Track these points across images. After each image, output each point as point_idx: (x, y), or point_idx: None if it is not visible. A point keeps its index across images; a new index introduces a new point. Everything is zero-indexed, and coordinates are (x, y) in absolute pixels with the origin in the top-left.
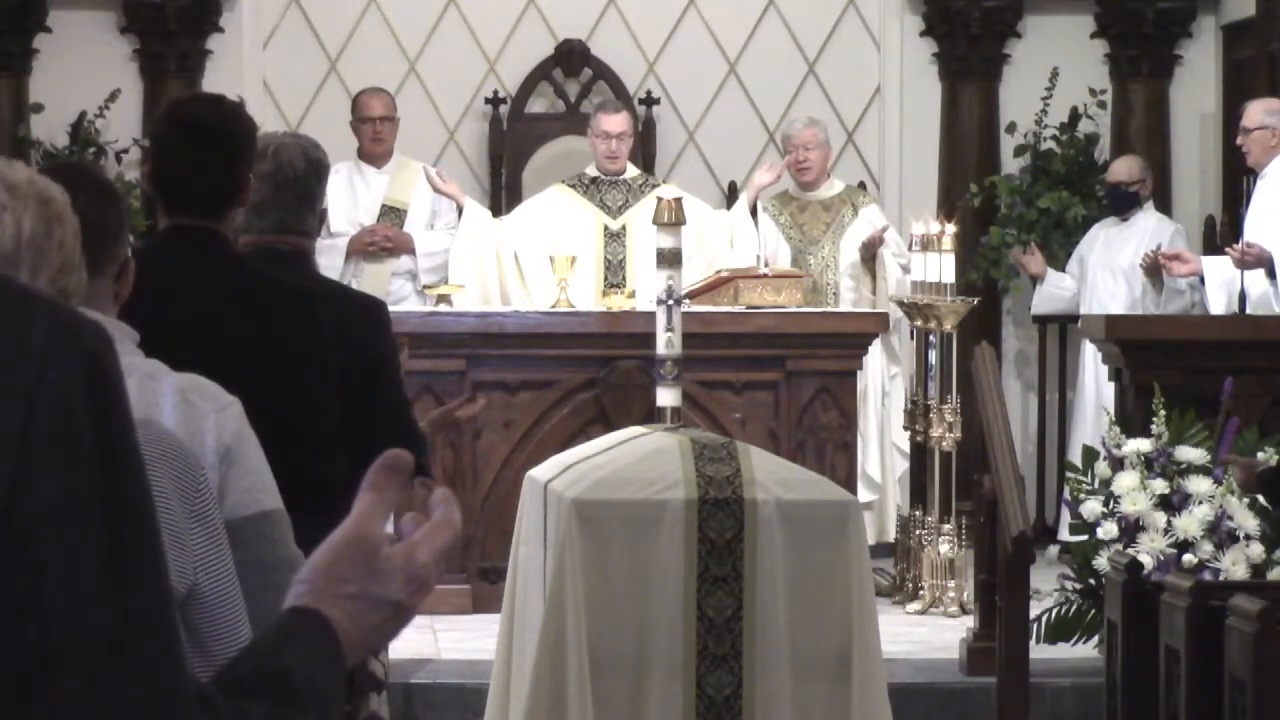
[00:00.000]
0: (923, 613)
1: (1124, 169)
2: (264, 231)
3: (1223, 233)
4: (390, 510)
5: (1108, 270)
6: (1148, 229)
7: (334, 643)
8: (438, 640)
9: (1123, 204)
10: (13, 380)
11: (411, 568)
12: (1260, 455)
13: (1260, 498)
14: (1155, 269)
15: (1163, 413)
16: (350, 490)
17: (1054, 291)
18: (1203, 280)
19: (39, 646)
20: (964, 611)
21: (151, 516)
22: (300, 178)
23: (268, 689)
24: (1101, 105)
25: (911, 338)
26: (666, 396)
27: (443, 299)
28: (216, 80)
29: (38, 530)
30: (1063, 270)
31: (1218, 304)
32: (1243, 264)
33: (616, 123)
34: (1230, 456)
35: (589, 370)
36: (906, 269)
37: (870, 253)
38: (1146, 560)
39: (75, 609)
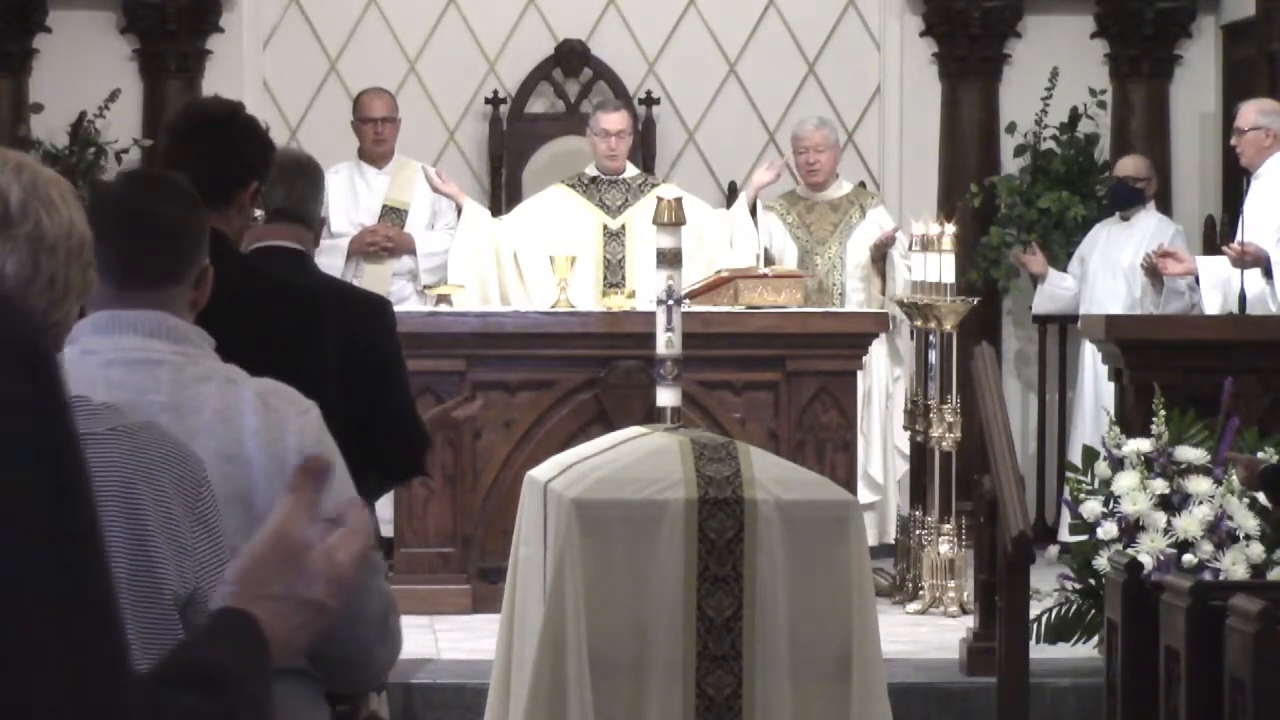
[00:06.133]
0: (923, 613)
1: (1132, 165)
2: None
3: (1222, 231)
4: (311, 512)
5: (1108, 270)
6: (1148, 229)
7: (262, 641)
8: (438, 640)
9: (1127, 200)
10: None
11: (332, 570)
12: (1260, 455)
13: (1261, 496)
14: (1156, 269)
15: (1163, 413)
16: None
17: (1055, 291)
18: (1197, 280)
19: None
20: (964, 611)
21: (91, 503)
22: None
23: (201, 683)
24: (1101, 105)
25: (911, 338)
26: (666, 396)
27: (443, 299)
28: (216, 80)
29: None
30: (1064, 270)
31: (1212, 304)
32: (1241, 263)
33: (616, 121)
34: (1232, 454)
35: (589, 370)
36: (912, 270)
37: (881, 253)
38: (1146, 560)
39: (17, 592)
